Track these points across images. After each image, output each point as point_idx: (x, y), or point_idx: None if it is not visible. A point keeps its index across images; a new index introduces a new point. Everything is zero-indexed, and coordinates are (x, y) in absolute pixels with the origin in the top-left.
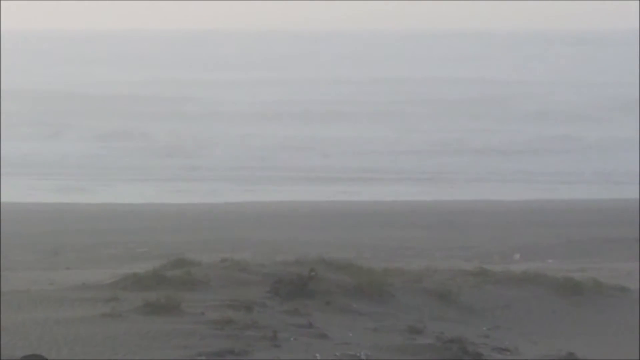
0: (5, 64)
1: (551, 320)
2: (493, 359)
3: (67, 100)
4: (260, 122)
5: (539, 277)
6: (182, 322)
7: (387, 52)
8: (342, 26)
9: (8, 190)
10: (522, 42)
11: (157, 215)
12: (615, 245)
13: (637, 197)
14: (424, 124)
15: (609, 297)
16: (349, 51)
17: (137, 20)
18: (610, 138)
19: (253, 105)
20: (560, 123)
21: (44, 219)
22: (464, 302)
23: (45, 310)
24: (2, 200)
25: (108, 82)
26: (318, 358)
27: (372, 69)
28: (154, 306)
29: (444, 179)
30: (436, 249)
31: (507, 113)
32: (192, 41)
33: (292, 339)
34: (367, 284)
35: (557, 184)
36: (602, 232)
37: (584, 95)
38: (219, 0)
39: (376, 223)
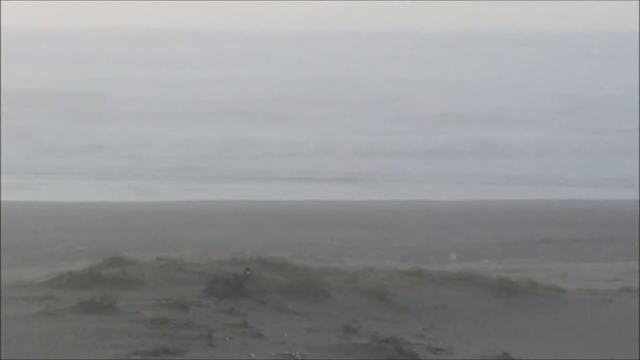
0: None
1: (486, 321)
2: (428, 359)
3: None
4: (189, 121)
5: (475, 277)
6: (117, 321)
7: (319, 51)
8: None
9: None
10: (455, 42)
11: (93, 214)
12: (551, 245)
13: (573, 198)
14: (342, 126)
15: (544, 298)
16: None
17: (64, 18)
18: (540, 140)
19: (183, 104)
20: (490, 124)
21: None
22: (400, 302)
23: None
24: None
25: (29, 80)
26: (253, 357)
27: (297, 69)
28: (89, 305)
29: (376, 180)
30: (372, 248)
31: (430, 113)
32: (123, 40)
33: (227, 338)
34: (302, 283)
35: (490, 185)
36: (537, 233)
37: (514, 97)
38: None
39: (312, 223)
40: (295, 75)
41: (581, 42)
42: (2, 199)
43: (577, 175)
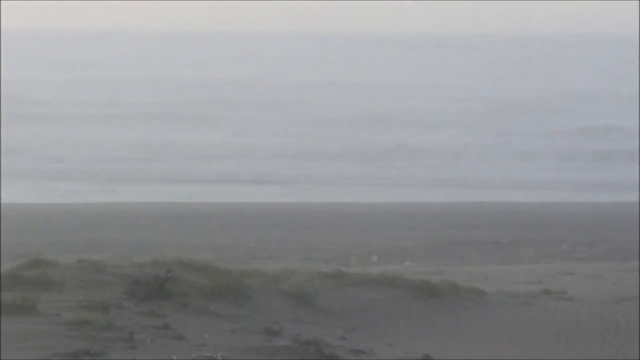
0: None
1: (407, 323)
2: None
3: None
4: (107, 123)
5: (396, 279)
6: (37, 323)
7: (237, 52)
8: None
9: None
10: (376, 45)
11: (13, 216)
12: (473, 248)
13: (494, 200)
14: (258, 128)
15: (465, 300)
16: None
17: None
18: (458, 143)
19: (100, 106)
20: (408, 127)
21: None
22: (321, 304)
23: None
24: None
25: None
26: (174, 359)
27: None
28: (10, 306)
29: (294, 182)
30: (294, 250)
31: (348, 115)
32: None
33: (148, 340)
34: (224, 285)
35: (409, 187)
36: (459, 235)
37: (432, 99)
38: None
39: (234, 224)
40: (213, 77)
41: (505, 44)
42: None
43: (496, 178)
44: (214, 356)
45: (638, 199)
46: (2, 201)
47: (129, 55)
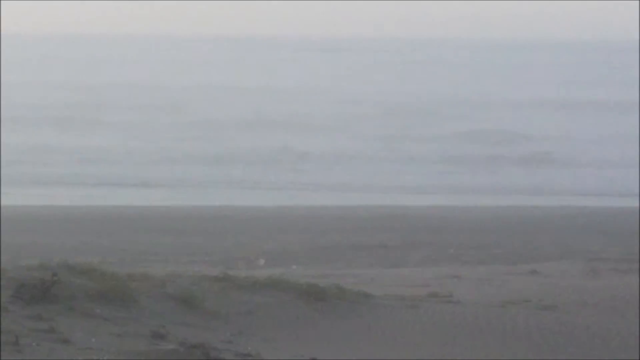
0: None
1: (294, 326)
2: None
3: None
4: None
5: (283, 282)
6: None
7: (119, 55)
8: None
9: None
10: (262, 47)
11: None
12: (360, 251)
13: (381, 204)
14: (141, 131)
15: (352, 303)
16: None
17: None
18: (343, 147)
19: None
20: (293, 131)
21: None
22: (208, 308)
23: None
24: None
25: None
26: None
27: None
28: None
29: (179, 185)
30: (181, 254)
31: (231, 119)
32: None
33: (34, 344)
34: (110, 288)
35: (294, 191)
36: (347, 239)
37: (318, 103)
38: None
39: (120, 228)
40: (95, 80)
41: (394, 47)
42: None
43: (383, 181)
44: None
45: (524, 203)
46: None
47: (10, 57)
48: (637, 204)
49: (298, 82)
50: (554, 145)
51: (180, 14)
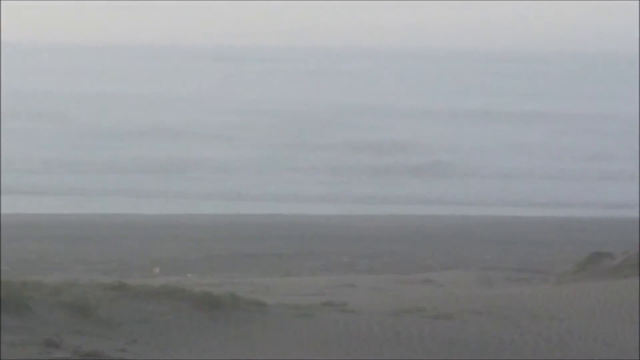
0: None
1: (188, 334)
2: None
3: None
4: None
5: (178, 291)
6: None
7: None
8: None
9: None
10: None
11: None
12: (256, 260)
13: (276, 212)
14: (24, 140)
15: (246, 312)
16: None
17: None
18: (232, 156)
19: None
20: (179, 140)
21: None
22: (103, 316)
23: None
24: None
25: None
26: None
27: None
28: None
29: (71, 193)
30: (75, 262)
31: (117, 128)
32: None
33: None
34: (4, 297)
35: (185, 200)
36: (242, 247)
37: (204, 112)
38: None
39: (12, 236)
40: None
41: (297, 56)
42: None
43: (278, 190)
44: None
45: (417, 212)
46: None
47: None
48: (532, 214)
49: (191, 90)
50: (447, 155)
51: (71, 21)
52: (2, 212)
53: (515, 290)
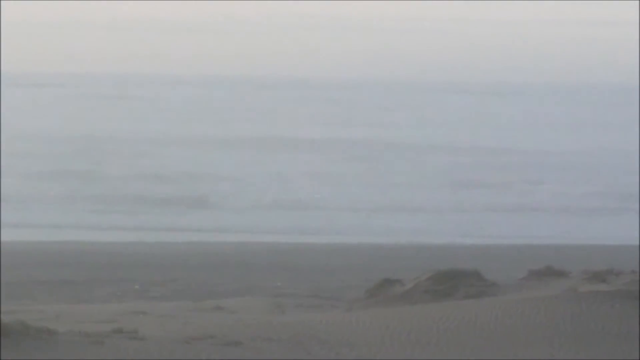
0: None
1: None
2: None
3: None
4: None
5: None
6: None
7: None
8: None
9: None
10: None
11: None
12: (46, 286)
13: (66, 239)
14: None
15: (35, 339)
16: None
17: None
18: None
19: None
20: None
21: None
22: None
23: None
24: None
25: None
26: None
27: None
28: None
29: None
30: None
31: None
32: None
33: None
34: None
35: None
36: (31, 274)
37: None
38: None
39: None
40: None
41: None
42: None
43: (65, 220)
44: None
45: (207, 240)
46: None
47: None
48: (323, 241)
49: None
50: (232, 185)
51: None
52: None
53: (306, 317)
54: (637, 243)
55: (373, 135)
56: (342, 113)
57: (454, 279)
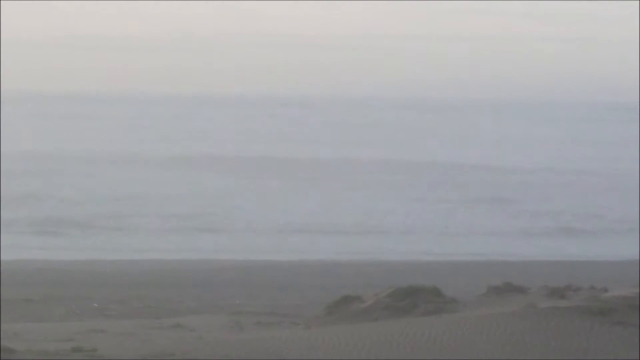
0: None
1: None
2: None
3: None
4: None
5: None
6: None
7: None
8: None
9: None
10: None
11: None
12: (2, 305)
13: (23, 258)
14: None
15: None
16: None
17: None
18: None
19: None
20: None
21: None
22: None
23: None
24: None
25: None
26: None
27: None
28: None
29: None
30: None
31: None
32: None
33: None
34: None
35: None
36: None
37: None
38: None
39: None
40: None
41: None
42: None
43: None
44: None
45: (166, 257)
46: None
47: None
48: (281, 258)
49: None
50: (194, 204)
51: None
52: None
53: (265, 334)
54: (595, 259)
55: (325, 153)
56: (290, 130)
57: (413, 296)
